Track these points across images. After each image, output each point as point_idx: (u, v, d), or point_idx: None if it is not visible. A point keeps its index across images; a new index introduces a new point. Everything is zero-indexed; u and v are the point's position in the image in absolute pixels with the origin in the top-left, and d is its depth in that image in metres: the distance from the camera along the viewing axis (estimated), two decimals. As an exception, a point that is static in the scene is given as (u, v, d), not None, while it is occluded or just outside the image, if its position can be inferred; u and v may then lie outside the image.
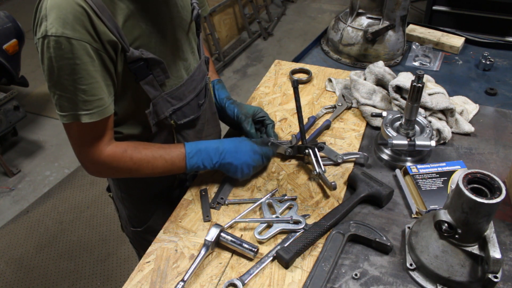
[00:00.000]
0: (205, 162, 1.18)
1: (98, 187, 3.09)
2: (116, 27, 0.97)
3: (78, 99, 0.98)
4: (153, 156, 1.13)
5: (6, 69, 3.13)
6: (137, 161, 1.12)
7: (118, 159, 1.10)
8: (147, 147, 1.15)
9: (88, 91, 0.98)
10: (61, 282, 2.48)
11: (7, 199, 3.06)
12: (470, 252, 0.91)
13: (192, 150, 1.17)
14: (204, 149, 1.18)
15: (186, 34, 1.20)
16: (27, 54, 4.28)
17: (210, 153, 1.18)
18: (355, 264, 1.02)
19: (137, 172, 1.14)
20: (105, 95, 1.01)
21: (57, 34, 0.90)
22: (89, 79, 0.96)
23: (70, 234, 2.77)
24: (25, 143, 3.57)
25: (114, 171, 1.14)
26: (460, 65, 1.85)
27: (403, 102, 1.40)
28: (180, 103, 1.20)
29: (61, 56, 0.92)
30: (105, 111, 1.02)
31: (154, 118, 1.16)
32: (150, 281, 1.01)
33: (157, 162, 1.14)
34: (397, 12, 1.77)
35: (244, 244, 1.04)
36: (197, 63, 1.26)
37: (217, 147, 1.19)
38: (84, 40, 0.93)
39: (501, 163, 1.28)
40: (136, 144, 1.14)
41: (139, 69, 1.06)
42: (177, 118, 1.22)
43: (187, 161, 1.16)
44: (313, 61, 1.93)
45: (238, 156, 1.18)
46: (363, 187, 1.16)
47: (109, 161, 1.09)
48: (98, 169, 1.13)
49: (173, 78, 1.16)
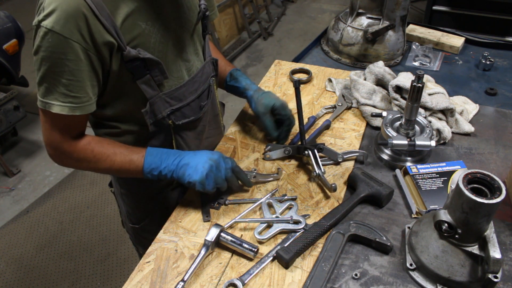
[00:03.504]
0: (163, 162, 1.12)
1: (98, 187, 3.08)
2: (113, 26, 0.98)
3: (55, 89, 1.00)
4: (113, 151, 1.13)
5: (6, 69, 3.13)
6: (97, 153, 1.12)
7: (78, 149, 1.11)
8: (111, 143, 1.15)
9: (68, 85, 1.00)
10: (61, 282, 2.48)
11: (7, 199, 3.06)
12: (470, 252, 0.91)
13: (153, 150, 1.14)
14: (165, 151, 1.15)
15: (190, 35, 1.20)
16: (27, 54, 4.28)
17: (169, 154, 1.14)
18: (355, 264, 1.02)
19: (95, 164, 1.13)
20: (83, 94, 1.03)
21: (48, 27, 0.93)
22: (70, 76, 0.99)
23: (70, 234, 2.77)
24: (25, 143, 3.57)
25: (74, 161, 1.14)
26: (460, 65, 1.85)
27: (403, 102, 1.40)
28: (180, 103, 1.20)
29: (48, 48, 0.95)
30: (77, 109, 1.03)
31: (151, 117, 1.16)
32: (150, 281, 1.01)
33: (116, 157, 1.13)
34: (397, 12, 1.77)
35: (244, 244, 1.04)
36: (200, 65, 1.26)
37: (177, 151, 1.15)
38: (73, 39, 0.94)
39: (501, 163, 1.28)
40: (101, 139, 1.15)
41: (136, 69, 1.06)
42: (176, 118, 1.21)
43: (145, 158, 1.12)
44: (313, 61, 1.93)
45: (195, 157, 1.13)
46: (363, 187, 1.16)
47: (69, 151, 1.11)
48: (60, 157, 1.14)
49: (172, 79, 1.15)
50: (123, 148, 1.14)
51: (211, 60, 1.31)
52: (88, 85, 1.03)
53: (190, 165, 1.11)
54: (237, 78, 1.43)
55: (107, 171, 1.16)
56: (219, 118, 1.45)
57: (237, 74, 1.44)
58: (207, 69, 1.29)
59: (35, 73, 1.02)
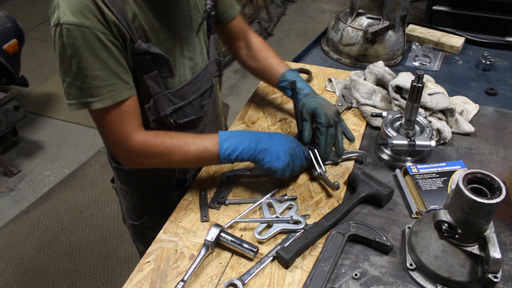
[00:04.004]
0: (240, 145, 1.10)
1: (98, 187, 3.09)
2: (125, 19, 0.99)
3: (88, 86, 0.98)
4: (185, 141, 1.11)
5: (6, 69, 3.13)
6: (169, 146, 1.10)
7: (149, 145, 1.09)
8: (179, 133, 1.14)
9: (100, 76, 0.98)
10: (61, 282, 2.48)
11: (7, 199, 3.06)
12: (470, 252, 0.91)
13: (225, 134, 1.13)
14: (238, 133, 1.13)
15: (196, 34, 1.20)
16: (27, 54, 4.29)
17: (244, 136, 1.12)
18: (355, 264, 1.02)
19: (168, 158, 1.11)
20: (117, 81, 1.01)
21: (68, 22, 0.92)
22: (101, 65, 0.98)
23: (70, 234, 2.77)
24: (25, 143, 3.57)
25: (147, 158, 1.11)
26: (460, 65, 1.85)
27: (403, 102, 1.40)
28: (182, 102, 1.20)
29: (72, 43, 0.94)
30: (118, 96, 1.02)
31: (153, 114, 1.16)
32: (150, 281, 1.01)
33: (189, 148, 1.11)
34: (397, 12, 1.77)
35: (244, 244, 1.04)
36: (204, 64, 1.26)
37: (251, 132, 1.15)
38: (95, 28, 0.95)
39: (501, 163, 1.28)
40: (167, 131, 1.14)
41: (144, 63, 1.06)
42: (178, 117, 1.22)
43: (220, 144, 1.10)
44: (313, 61, 1.93)
45: (274, 143, 1.11)
46: (363, 187, 1.16)
47: (139, 147, 1.08)
48: (130, 156, 1.11)
49: (177, 77, 1.16)
50: (193, 137, 1.13)
51: (215, 60, 1.32)
52: (118, 71, 1.02)
53: (270, 151, 1.11)
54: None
55: (181, 163, 1.16)
56: (220, 118, 1.45)
57: (291, 76, 1.34)
58: (211, 69, 1.30)
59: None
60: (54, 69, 4.23)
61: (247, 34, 1.43)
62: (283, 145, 1.12)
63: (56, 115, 3.85)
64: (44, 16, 5.62)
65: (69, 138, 3.61)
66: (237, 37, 1.43)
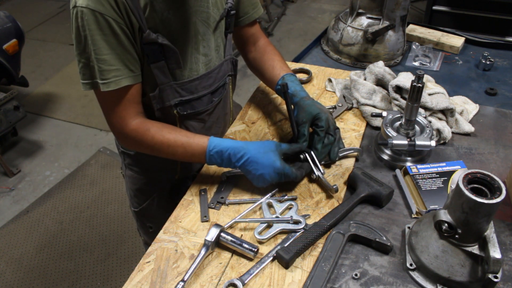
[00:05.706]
0: (224, 163, 1.16)
1: (98, 187, 3.08)
2: (137, 8, 1.03)
3: (98, 68, 1.04)
4: (175, 141, 1.15)
5: (6, 69, 3.13)
6: (157, 142, 1.15)
7: (140, 135, 1.14)
8: (171, 131, 1.16)
9: (108, 61, 1.04)
10: (61, 282, 2.48)
11: (7, 199, 3.06)
12: (470, 252, 0.91)
13: (215, 147, 1.13)
14: (225, 150, 1.13)
15: (212, 31, 1.21)
16: (27, 54, 4.29)
17: (231, 156, 1.13)
18: (355, 264, 1.02)
19: (157, 152, 1.17)
20: (122, 67, 1.06)
21: (83, 5, 0.98)
22: (109, 50, 1.03)
23: (70, 234, 2.77)
24: (25, 143, 3.57)
25: (137, 145, 1.19)
26: (460, 65, 1.85)
27: (403, 102, 1.40)
28: (190, 96, 1.22)
29: (86, 26, 1.00)
30: (122, 81, 1.07)
31: (159, 103, 1.19)
32: (150, 281, 1.01)
33: (177, 149, 1.15)
34: (397, 12, 1.77)
35: (244, 244, 1.04)
36: (219, 62, 1.27)
37: (240, 151, 1.12)
38: (107, 15, 0.99)
39: (501, 163, 1.28)
40: (161, 126, 1.17)
41: (152, 52, 1.10)
42: (182, 109, 1.23)
43: (207, 157, 1.15)
44: (313, 61, 1.93)
45: (258, 167, 1.12)
46: (363, 187, 1.16)
47: (132, 135, 1.14)
48: (123, 139, 1.19)
49: (187, 70, 1.17)
50: (184, 138, 1.15)
51: (231, 59, 1.34)
52: (126, 58, 1.06)
53: (257, 169, 1.11)
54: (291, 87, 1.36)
55: (170, 158, 1.20)
56: (228, 117, 1.46)
57: (289, 79, 1.33)
58: (225, 67, 1.31)
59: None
60: (54, 69, 4.26)
61: (259, 37, 1.45)
62: (265, 173, 1.11)
63: (56, 115, 3.85)
64: (44, 16, 5.62)
65: (69, 138, 3.61)
66: (251, 40, 1.45)
